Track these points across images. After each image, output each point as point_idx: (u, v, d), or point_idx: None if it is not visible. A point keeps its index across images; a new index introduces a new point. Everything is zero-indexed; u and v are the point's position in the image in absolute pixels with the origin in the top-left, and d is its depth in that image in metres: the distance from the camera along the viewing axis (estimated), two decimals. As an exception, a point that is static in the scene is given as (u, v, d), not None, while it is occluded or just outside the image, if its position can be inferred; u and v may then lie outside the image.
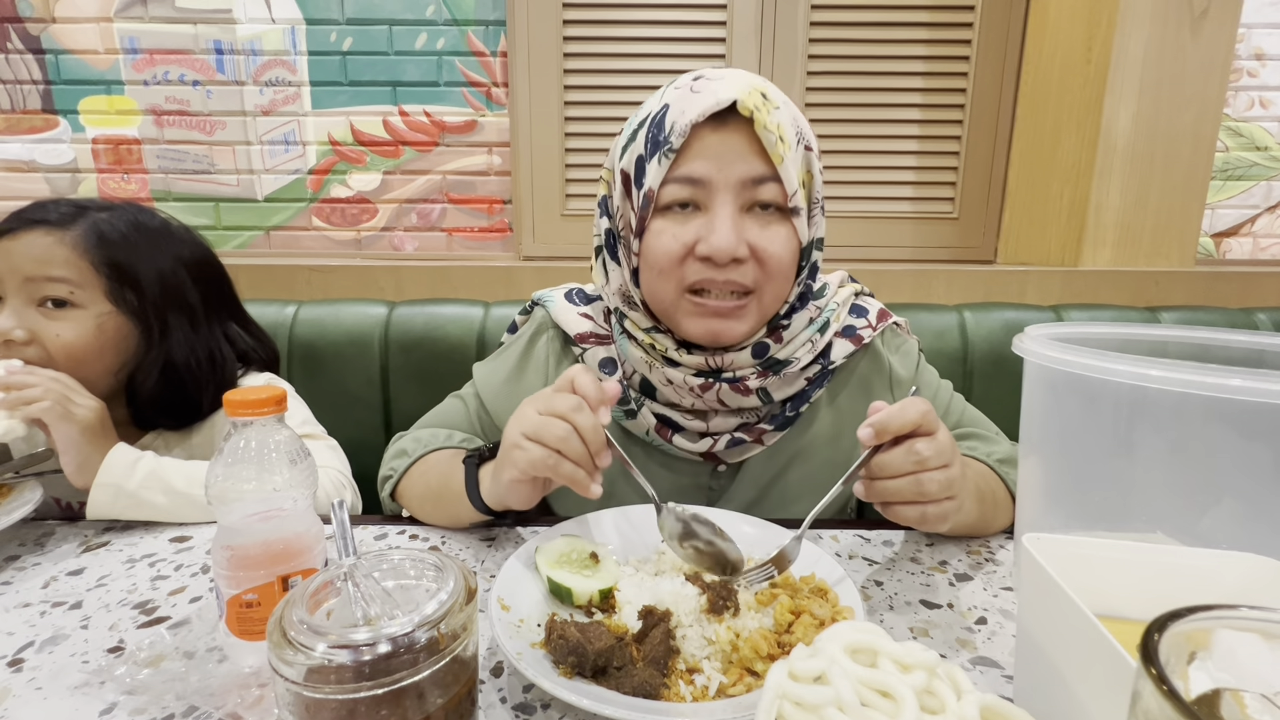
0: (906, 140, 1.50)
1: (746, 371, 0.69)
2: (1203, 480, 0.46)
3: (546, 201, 1.52)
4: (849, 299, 0.77)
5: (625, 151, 0.67)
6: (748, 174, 0.62)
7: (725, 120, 0.62)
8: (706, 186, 0.63)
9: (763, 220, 0.65)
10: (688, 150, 0.63)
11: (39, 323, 0.75)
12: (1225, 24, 1.28)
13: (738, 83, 0.62)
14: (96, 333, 0.77)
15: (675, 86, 0.65)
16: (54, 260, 0.75)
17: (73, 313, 0.76)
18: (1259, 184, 1.56)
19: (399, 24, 1.46)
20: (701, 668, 0.46)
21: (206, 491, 0.46)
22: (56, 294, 0.75)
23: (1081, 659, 0.34)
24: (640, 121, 0.66)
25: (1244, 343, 0.57)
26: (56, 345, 0.75)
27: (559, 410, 0.54)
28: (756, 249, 0.64)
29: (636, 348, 0.70)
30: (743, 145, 0.62)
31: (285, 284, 1.32)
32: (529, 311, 0.83)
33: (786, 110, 0.64)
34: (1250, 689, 0.25)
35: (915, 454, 0.52)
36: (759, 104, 0.61)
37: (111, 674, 0.47)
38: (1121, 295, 1.32)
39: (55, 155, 1.51)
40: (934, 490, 0.52)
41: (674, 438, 0.72)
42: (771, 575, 0.53)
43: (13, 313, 0.74)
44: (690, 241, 0.64)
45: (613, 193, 0.70)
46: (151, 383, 0.81)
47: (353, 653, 0.34)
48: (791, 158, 0.63)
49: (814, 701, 0.30)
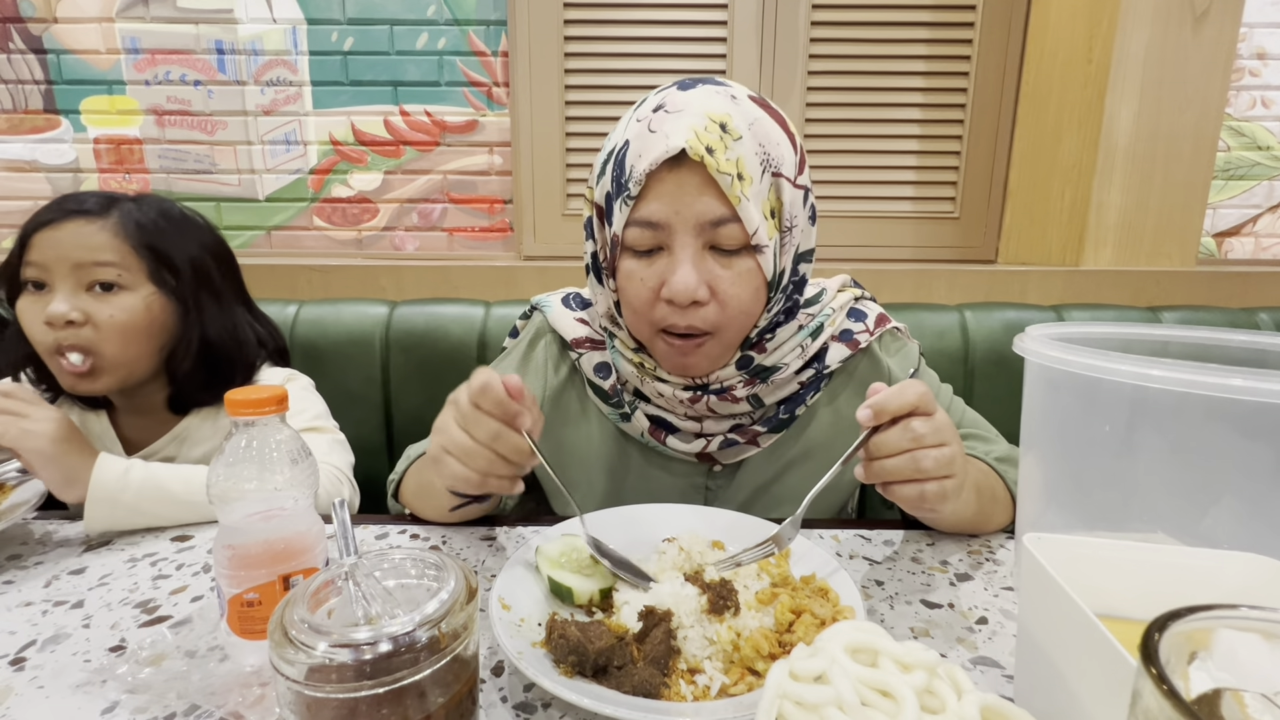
0: (907, 140, 1.50)
1: (733, 382, 0.69)
2: (1203, 480, 0.46)
3: (547, 201, 1.52)
4: (847, 303, 0.76)
5: (599, 182, 0.66)
6: (705, 216, 0.60)
7: (681, 161, 0.59)
8: (666, 229, 0.61)
9: (725, 260, 0.63)
10: (646, 194, 0.61)
11: (91, 305, 0.78)
12: (1227, 23, 1.27)
13: (693, 119, 0.59)
14: (145, 312, 0.81)
15: (637, 119, 0.63)
16: (99, 246, 0.78)
17: (121, 295, 0.79)
18: (1260, 184, 1.56)
19: (400, 24, 1.46)
20: (703, 667, 0.46)
21: (208, 491, 0.47)
22: (105, 278, 0.78)
23: (1082, 659, 0.34)
24: (609, 153, 0.65)
25: (1245, 343, 0.57)
26: (111, 326, 0.78)
27: (481, 439, 0.54)
28: (717, 291, 0.62)
29: (626, 363, 0.71)
30: (699, 186, 0.60)
31: (286, 283, 1.32)
32: (529, 316, 0.84)
33: (751, 138, 0.61)
34: (1251, 689, 0.25)
35: (912, 431, 0.52)
36: (714, 143, 0.58)
37: (113, 673, 0.47)
38: (1123, 295, 1.32)
39: (57, 155, 1.51)
40: (931, 467, 0.52)
41: (668, 439, 0.72)
42: (771, 552, 0.54)
43: (65, 297, 0.77)
44: (656, 285, 0.63)
45: (593, 216, 0.69)
46: (190, 361, 0.84)
47: (354, 652, 0.34)
48: (754, 191, 0.61)
49: (814, 701, 0.30)
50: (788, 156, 0.63)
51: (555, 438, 0.78)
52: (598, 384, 0.75)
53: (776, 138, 0.63)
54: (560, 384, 0.79)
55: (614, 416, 0.75)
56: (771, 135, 0.62)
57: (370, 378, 1.17)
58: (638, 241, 0.63)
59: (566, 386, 0.79)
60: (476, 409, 0.54)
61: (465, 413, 0.55)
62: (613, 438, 0.77)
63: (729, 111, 0.61)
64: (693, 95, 0.62)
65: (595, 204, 0.67)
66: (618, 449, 0.77)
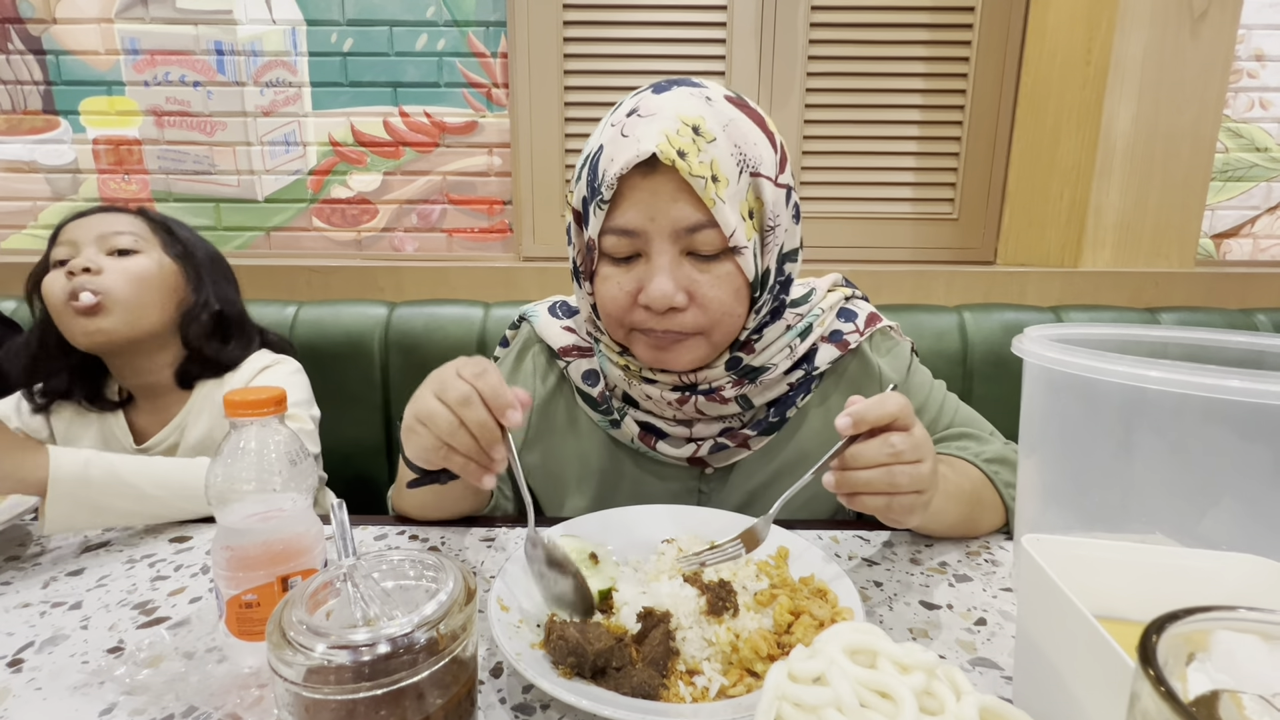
0: (906, 141, 1.50)
1: (722, 382, 0.69)
2: (1202, 481, 0.46)
3: (546, 202, 1.52)
4: (837, 303, 0.76)
5: (575, 187, 0.66)
6: (681, 223, 0.60)
7: (654, 166, 0.59)
8: (643, 236, 0.61)
9: (703, 265, 0.62)
10: (620, 200, 0.61)
11: (109, 262, 0.86)
12: (1225, 25, 1.28)
13: (664, 122, 0.58)
14: (157, 269, 0.89)
15: (611, 123, 0.62)
16: (121, 223, 0.89)
17: (137, 257, 0.88)
18: (1259, 185, 1.56)
19: (399, 25, 1.46)
20: (701, 669, 0.46)
21: (206, 492, 0.46)
22: (123, 245, 0.88)
23: (1080, 660, 0.34)
24: (585, 158, 0.65)
25: (1243, 344, 0.57)
26: (123, 272, 0.86)
27: (449, 400, 0.52)
28: (696, 295, 0.62)
29: (613, 366, 0.71)
30: (673, 191, 0.59)
31: (285, 285, 1.32)
32: (517, 326, 0.83)
33: (726, 139, 0.59)
34: (1249, 690, 0.25)
35: (890, 446, 0.52)
36: (686, 146, 0.58)
37: (111, 674, 0.47)
38: (1121, 296, 1.32)
39: (56, 156, 1.51)
40: (904, 483, 0.52)
41: (658, 444, 0.72)
42: (739, 553, 0.54)
43: (88, 257, 0.85)
44: (633, 290, 0.63)
45: (573, 223, 0.69)
46: (200, 327, 0.91)
47: (352, 653, 0.34)
48: (730, 193, 0.60)
49: (813, 702, 0.30)
50: (766, 156, 0.62)
51: (545, 446, 0.78)
52: (586, 391, 0.75)
53: (754, 137, 0.62)
54: (549, 393, 0.79)
55: (604, 424, 0.75)
56: (748, 135, 0.61)
57: (369, 379, 1.17)
58: (614, 249, 0.63)
59: (555, 396, 0.79)
60: (459, 377, 0.53)
61: (445, 378, 0.54)
62: (604, 445, 0.77)
63: (702, 113, 0.60)
64: (666, 98, 0.61)
65: (574, 209, 0.67)
66: (609, 456, 0.77)
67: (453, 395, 0.52)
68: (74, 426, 0.91)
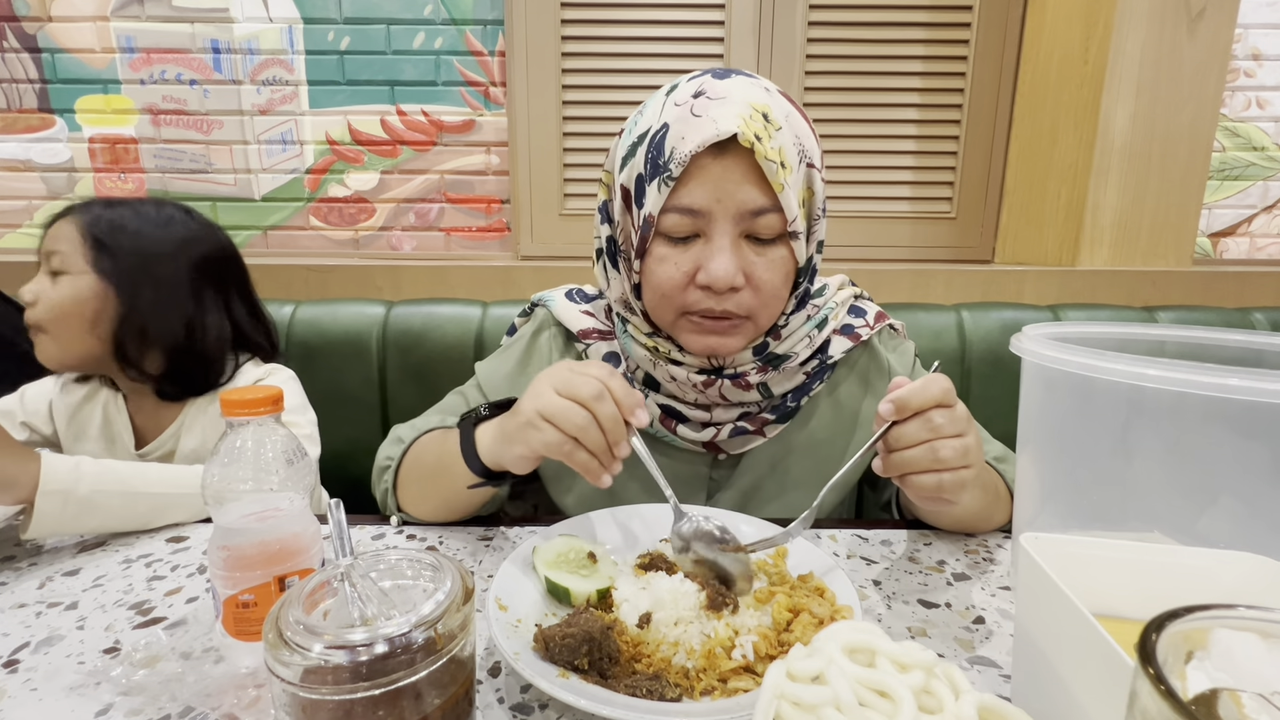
0: (904, 140, 1.50)
1: (747, 367, 0.70)
2: (1200, 480, 0.46)
3: (545, 201, 1.52)
4: (848, 300, 0.78)
5: (625, 165, 0.66)
6: (748, 205, 0.61)
7: (726, 147, 0.60)
8: (707, 217, 0.62)
9: (760, 247, 0.64)
10: (687, 178, 0.61)
11: (44, 287, 0.84)
12: (1222, 24, 1.28)
13: (739, 107, 0.60)
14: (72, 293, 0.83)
15: (676, 103, 0.63)
16: (59, 238, 0.84)
17: (63, 279, 0.84)
18: (1256, 184, 1.56)
19: (397, 23, 1.46)
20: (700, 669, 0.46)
21: (203, 492, 0.46)
22: (54, 266, 0.84)
23: (1079, 658, 0.34)
24: (640, 136, 0.65)
25: (1241, 342, 0.57)
26: (47, 305, 0.83)
27: (580, 396, 0.53)
28: (752, 277, 0.63)
29: (640, 347, 0.71)
30: (743, 174, 0.60)
31: (283, 283, 1.32)
32: (529, 313, 0.83)
33: (789, 129, 0.62)
34: (1248, 689, 0.25)
35: (930, 422, 0.52)
36: (760, 130, 0.59)
37: (107, 675, 0.47)
38: (1119, 295, 1.32)
39: (52, 154, 1.50)
40: (950, 456, 0.52)
41: (678, 428, 0.72)
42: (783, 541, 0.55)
43: (34, 282, 0.85)
44: (690, 270, 0.64)
45: (613, 200, 0.69)
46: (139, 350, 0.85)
47: (349, 653, 0.34)
48: (793, 180, 0.62)
49: (812, 701, 0.30)
50: (816, 149, 0.66)
51: None
52: None
53: (806, 130, 0.65)
54: None
55: None
56: (803, 128, 0.64)
57: (367, 378, 1.17)
58: (675, 228, 0.63)
59: None
60: (588, 375, 0.54)
61: (568, 378, 0.54)
62: None
63: (768, 102, 0.62)
64: (733, 84, 0.62)
65: (621, 186, 0.67)
66: None
67: (585, 392, 0.53)
68: (79, 416, 0.91)
